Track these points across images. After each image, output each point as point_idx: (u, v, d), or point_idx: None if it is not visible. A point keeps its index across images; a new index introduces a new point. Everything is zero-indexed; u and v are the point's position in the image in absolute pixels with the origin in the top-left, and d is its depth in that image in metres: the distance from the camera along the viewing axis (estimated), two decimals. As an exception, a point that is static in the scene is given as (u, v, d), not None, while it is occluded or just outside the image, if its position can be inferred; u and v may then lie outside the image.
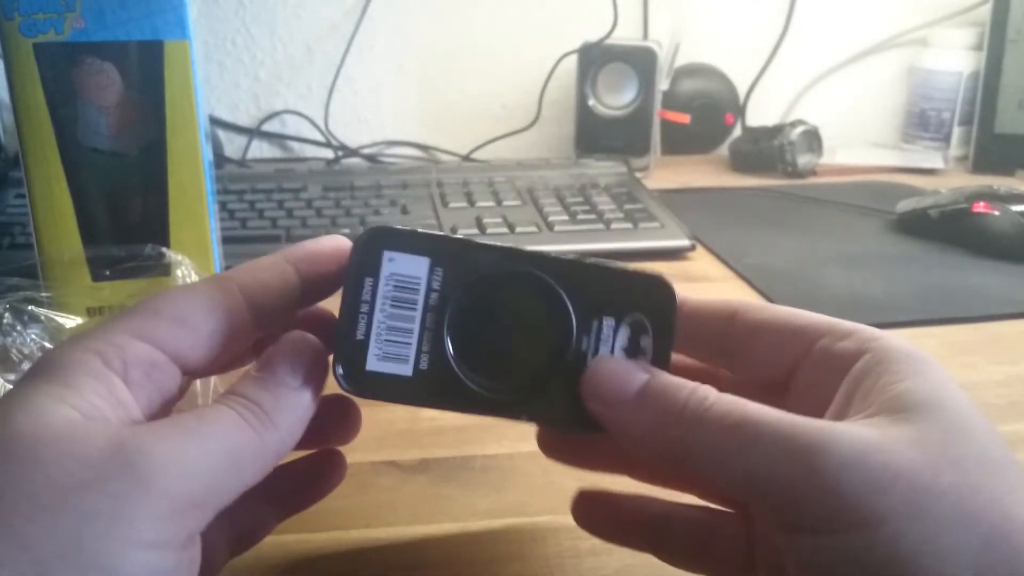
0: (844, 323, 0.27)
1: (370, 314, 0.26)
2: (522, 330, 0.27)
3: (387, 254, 0.26)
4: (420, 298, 0.26)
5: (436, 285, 0.26)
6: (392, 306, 0.26)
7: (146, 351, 0.24)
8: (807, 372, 0.27)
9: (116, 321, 0.25)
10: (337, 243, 0.28)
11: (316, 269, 0.27)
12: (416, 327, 0.26)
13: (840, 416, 0.25)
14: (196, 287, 0.26)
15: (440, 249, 0.26)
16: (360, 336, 0.26)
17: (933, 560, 0.21)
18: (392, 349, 0.26)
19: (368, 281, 0.26)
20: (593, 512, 0.31)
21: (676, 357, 0.28)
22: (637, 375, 0.25)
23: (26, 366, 0.43)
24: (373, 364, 0.26)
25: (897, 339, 0.26)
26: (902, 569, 0.21)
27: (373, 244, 0.26)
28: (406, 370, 0.26)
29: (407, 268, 0.26)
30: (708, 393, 0.24)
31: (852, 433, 0.22)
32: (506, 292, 0.27)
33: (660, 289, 0.27)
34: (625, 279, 0.27)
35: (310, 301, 0.28)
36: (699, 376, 0.28)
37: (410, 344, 0.26)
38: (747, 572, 0.28)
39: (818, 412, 0.25)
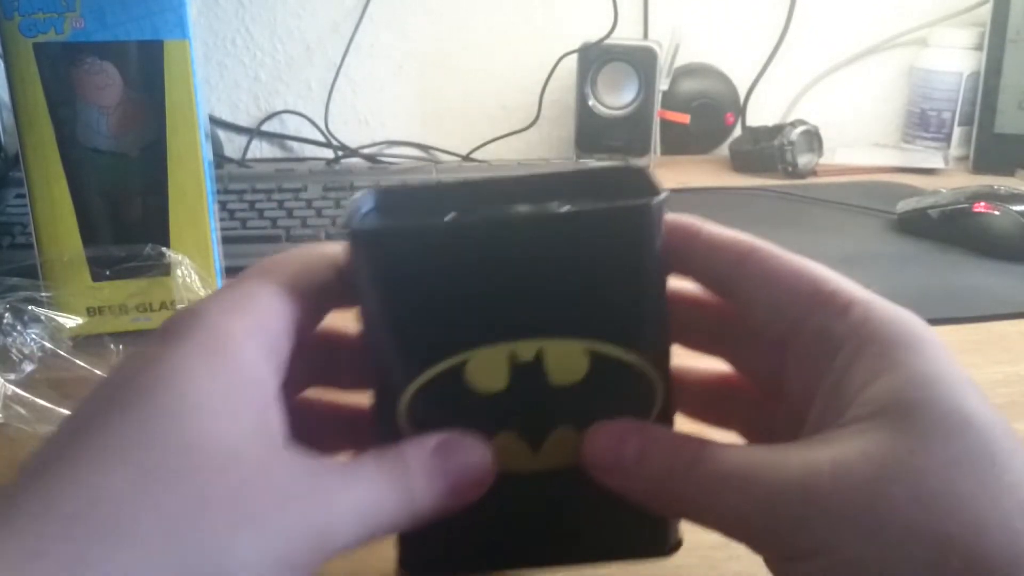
0: (842, 293, 0.26)
1: None
2: None
3: None
4: None
5: None
6: None
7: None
8: (800, 346, 0.26)
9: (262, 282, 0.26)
10: None
11: None
12: None
13: (821, 420, 0.25)
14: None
15: None
16: None
17: None
18: None
19: None
20: None
21: (690, 288, 0.29)
22: (630, 441, 0.26)
23: (26, 365, 0.43)
24: None
25: (887, 318, 0.25)
26: None
27: None
28: None
29: None
30: (697, 453, 0.25)
31: (809, 460, 0.23)
32: None
33: None
34: None
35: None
36: (714, 313, 0.29)
37: None
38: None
39: (807, 392, 0.26)
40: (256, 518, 0.21)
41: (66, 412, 0.40)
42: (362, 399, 0.29)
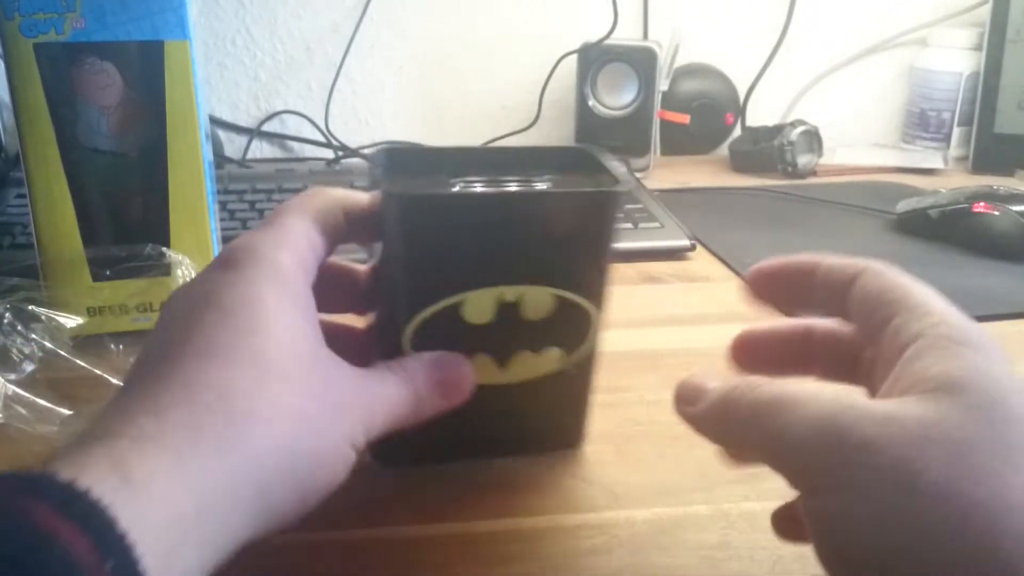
0: (927, 304, 0.29)
1: None
2: None
3: None
4: None
5: None
6: None
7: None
8: (880, 345, 0.29)
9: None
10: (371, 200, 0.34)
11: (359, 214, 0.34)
12: None
13: (885, 396, 0.27)
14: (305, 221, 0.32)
15: None
16: None
17: (905, 526, 0.23)
18: None
19: None
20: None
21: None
22: (692, 388, 0.30)
23: (26, 365, 0.43)
24: None
25: (959, 324, 0.27)
26: (876, 531, 0.23)
27: None
28: None
29: None
30: (750, 384, 0.28)
31: (861, 405, 0.25)
32: None
33: None
34: None
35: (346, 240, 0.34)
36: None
37: None
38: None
39: (881, 382, 0.28)
40: (337, 407, 0.29)
41: (67, 412, 0.40)
42: (351, 320, 0.37)
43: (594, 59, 0.90)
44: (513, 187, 0.35)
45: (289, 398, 0.27)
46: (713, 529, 0.35)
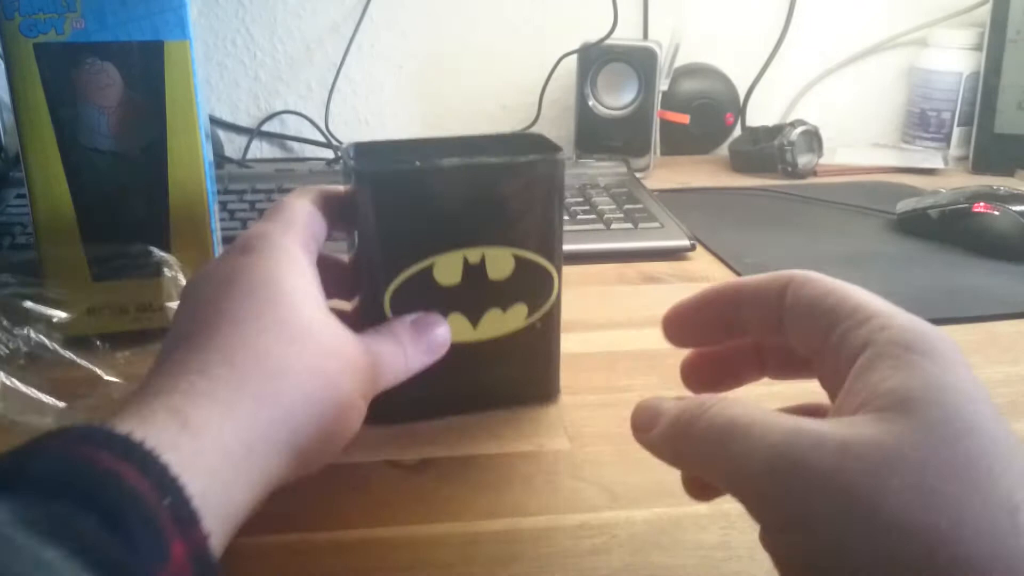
0: (868, 306, 0.27)
1: None
2: None
3: None
4: None
5: None
6: None
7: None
8: (827, 357, 0.28)
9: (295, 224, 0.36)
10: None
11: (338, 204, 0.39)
12: None
13: (838, 412, 0.26)
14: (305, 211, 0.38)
15: None
16: None
17: (868, 565, 0.22)
18: None
19: None
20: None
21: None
22: (647, 412, 0.29)
23: (26, 364, 0.43)
24: None
25: (906, 326, 0.26)
26: (839, 569, 0.22)
27: None
28: None
29: None
30: (702, 407, 0.27)
31: (819, 432, 0.24)
32: None
33: None
34: None
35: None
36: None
37: None
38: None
39: (831, 397, 0.28)
40: (348, 365, 0.33)
41: (62, 405, 0.40)
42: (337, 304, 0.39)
43: (594, 59, 0.90)
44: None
45: (311, 359, 0.31)
46: (713, 529, 0.35)
